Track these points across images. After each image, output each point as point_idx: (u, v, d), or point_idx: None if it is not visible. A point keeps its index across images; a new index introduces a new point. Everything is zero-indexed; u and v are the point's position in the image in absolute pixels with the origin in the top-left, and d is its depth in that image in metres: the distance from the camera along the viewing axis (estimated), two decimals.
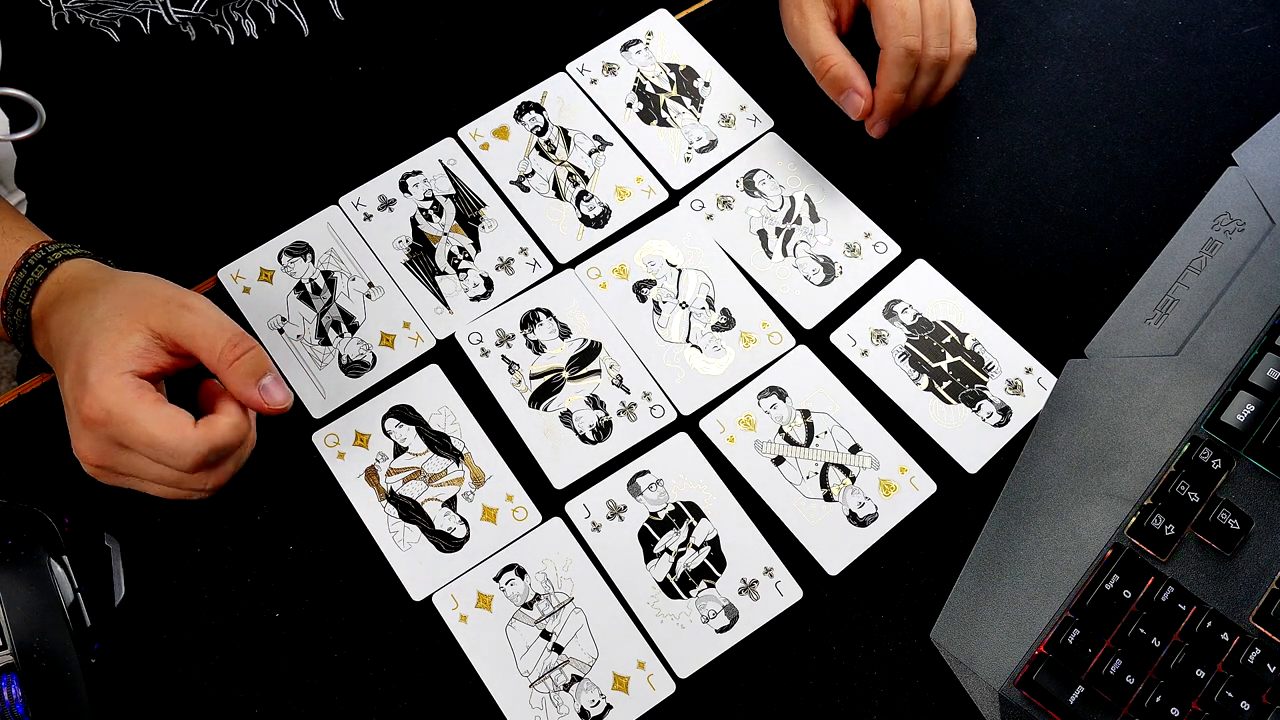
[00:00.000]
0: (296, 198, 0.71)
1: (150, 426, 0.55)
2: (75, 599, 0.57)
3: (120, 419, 0.55)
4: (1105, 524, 0.61)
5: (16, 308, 0.61)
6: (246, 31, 0.69)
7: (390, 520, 0.63)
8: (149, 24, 0.67)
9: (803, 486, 0.63)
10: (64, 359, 0.58)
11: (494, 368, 0.66)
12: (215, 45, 0.69)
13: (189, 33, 0.68)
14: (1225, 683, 0.56)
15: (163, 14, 0.66)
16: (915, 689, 0.59)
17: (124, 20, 0.67)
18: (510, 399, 0.65)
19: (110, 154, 0.79)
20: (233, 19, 0.68)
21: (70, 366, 0.57)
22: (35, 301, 0.61)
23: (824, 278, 0.69)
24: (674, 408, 0.65)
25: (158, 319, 0.57)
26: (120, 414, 0.55)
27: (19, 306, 0.61)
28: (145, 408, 0.55)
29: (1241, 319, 0.65)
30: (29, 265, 0.62)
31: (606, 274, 0.69)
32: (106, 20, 0.66)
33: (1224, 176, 0.71)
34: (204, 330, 0.57)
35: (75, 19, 0.66)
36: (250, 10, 0.68)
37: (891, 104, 0.68)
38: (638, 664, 0.59)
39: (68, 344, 0.58)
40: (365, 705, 0.59)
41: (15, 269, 0.62)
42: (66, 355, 0.58)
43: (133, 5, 0.66)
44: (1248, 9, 0.77)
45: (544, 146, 0.73)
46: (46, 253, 0.62)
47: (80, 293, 0.60)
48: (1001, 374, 0.66)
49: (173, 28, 0.68)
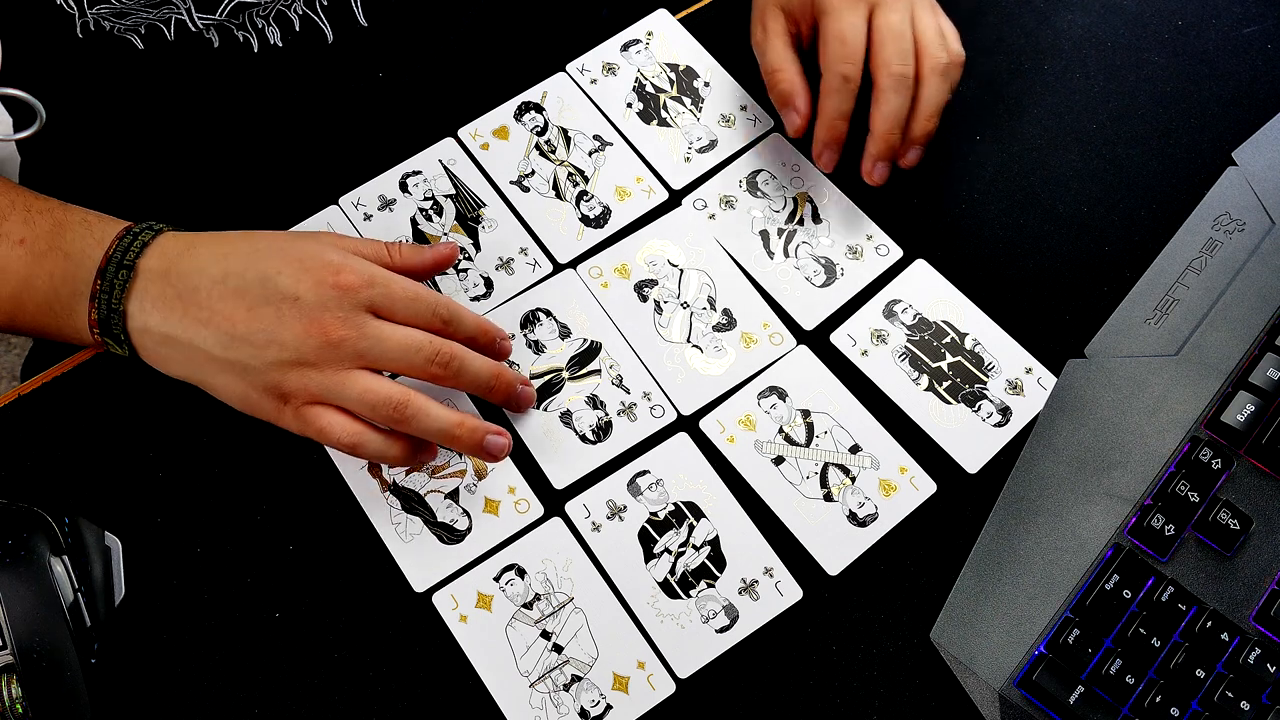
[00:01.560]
0: (296, 198, 0.71)
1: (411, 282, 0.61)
2: (75, 599, 0.57)
3: (384, 278, 0.60)
4: (1105, 524, 0.61)
5: (120, 269, 0.60)
6: (270, 39, 0.69)
7: (393, 512, 0.63)
8: (173, 30, 0.67)
9: (803, 486, 0.63)
10: (259, 272, 0.59)
11: None
12: (238, 52, 0.69)
13: (212, 39, 0.68)
14: (1225, 683, 0.56)
15: (186, 21, 0.66)
16: (915, 689, 0.59)
17: (148, 26, 0.67)
18: None
19: (112, 154, 0.79)
20: (256, 26, 0.68)
21: (285, 268, 0.59)
22: (146, 257, 0.60)
23: (825, 279, 0.69)
24: (674, 408, 0.65)
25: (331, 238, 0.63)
26: (383, 275, 0.60)
27: (123, 267, 0.60)
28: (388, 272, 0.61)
29: (1241, 319, 0.65)
30: (135, 232, 0.61)
31: (608, 273, 0.69)
32: (130, 27, 0.66)
33: (1224, 176, 0.71)
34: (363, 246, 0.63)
35: (100, 25, 0.66)
36: (274, 17, 0.68)
37: (832, 131, 0.68)
38: (638, 664, 0.59)
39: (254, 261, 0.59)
40: (365, 705, 0.59)
41: (120, 236, 0.61)
42: (265, 265, 0.59)
43: (157, 12, 0.66)
44: (1248, 9, 0.77)
45: (544, 146, 0.73)
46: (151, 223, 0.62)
47: (221, 238, 0.61)
48: (1001, 374, 0.66)
49: (196, 34, 0.68)
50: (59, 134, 0.70)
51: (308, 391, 0.59)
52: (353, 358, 0.58)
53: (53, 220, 0.62)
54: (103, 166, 0.80)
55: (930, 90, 0.67)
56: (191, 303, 0.59)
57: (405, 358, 0.59)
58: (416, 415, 0.59)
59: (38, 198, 0.63)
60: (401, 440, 0.61)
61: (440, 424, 0.60)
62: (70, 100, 0.72)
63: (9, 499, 0.60)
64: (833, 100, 0.67)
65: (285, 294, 0.58)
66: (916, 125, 0.68)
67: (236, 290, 0.59)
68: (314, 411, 0.59)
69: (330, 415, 0.59)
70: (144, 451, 0.64)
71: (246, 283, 0.59)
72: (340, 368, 0.59)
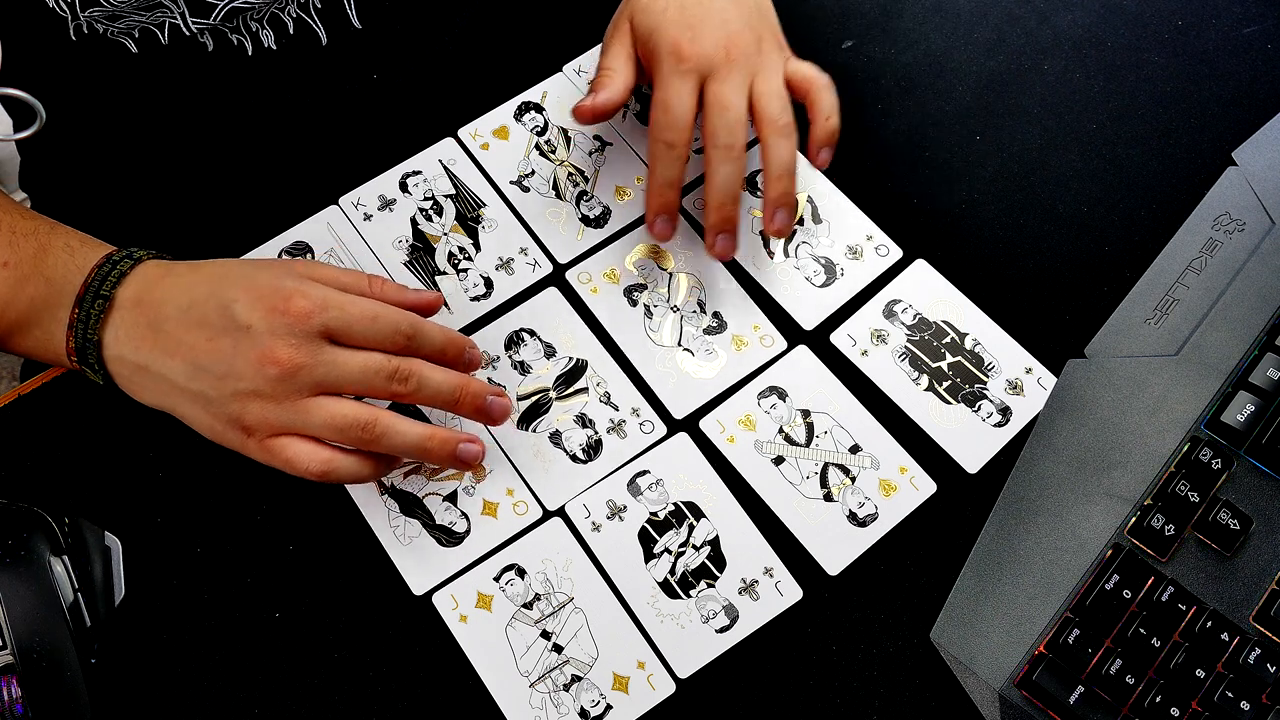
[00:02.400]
0: (296, 198, 0.71)
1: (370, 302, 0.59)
2: (75, 599, 0.57)
3: (339, 302, 0.58)
4: (1105, 524, 0.61)
5: (97, 298, 0.59)
6: (264, 42, 0.69)
7: (391, 514, 0.63)
8: (166, 34, 0.67)
9: (803, 486, 0.63)
10: (220, 300, 0.58)
11: None
12: (232, 55, 0.69)
13: (206, 43, 0.68)
14: (1225, 683, 0.56)
15: (180, 24, 0.66)
16: (915, 689, 0.59)
17: (142, 30, 0.67)
18: None
19: (112, 155, 0.79)
20: (250, 29, 0.68)
21: (241, 296, 0.57)
22: (124, 286, 0.59)
23: (825, 279, 0.69)
24: (663, 422, 0.65)
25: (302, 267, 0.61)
26: (337, 299, 0.58)
27: (100, 297, 0.59)
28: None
29: (1241, 319, 0.65)
30: (114, 260, 0.60)
31: (597, 278, 0.69)
32: (124, 30, 0.66)
33: (1224, 176, 0.71)
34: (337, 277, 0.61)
35: (93, 28, 0.66)
36: (268, 20, 0.68)
37: (662, 198, 0.66)
38: (638, 664, 0.59)
39: (216, 290, 0.58)
40: (365, 705, 0.59)
41: (99, 264, 0.60)
42: (224, 293, 0.58)
43: (150, 15, 0.66)
44: (1248, 9, 0.77)
45: (544, 146, 0.73)
46: (131, 251, 0.61)
47: (195, 267, 0.60)
48: (1001, 374, 0.66)
49: (190, 38, 0.68)
50: (59, 136, 0.70)
51: (269, 424, 0.58)
52: (310, 386, 0.57)
53: (37, 244, 0.61)
54: (102, 168, 0.80)
55: (777, 153, 0.65)
56: (160, 332, 0.59)
57: (364, 380, 0.58)
58: (386, 433, 0.58)
59: (25, 217, 0.63)
60: (373, 459, 0.60)
61: (411, 439, 0.59)
62: (67, 103, 0.72)
63: (9, 499, 0.60)
64: (658, 167, 0.65)
65: (240, 323, 0.57)
66: (770, 188, 0.66)
67: (199, 320, 0.58)
68: (279, 443, 0.58)
69: (296, 446, 0.58)
70: (144, 451, 0.64)
71: (207, 312, 0.58)
72: (300, 396, 0.57)
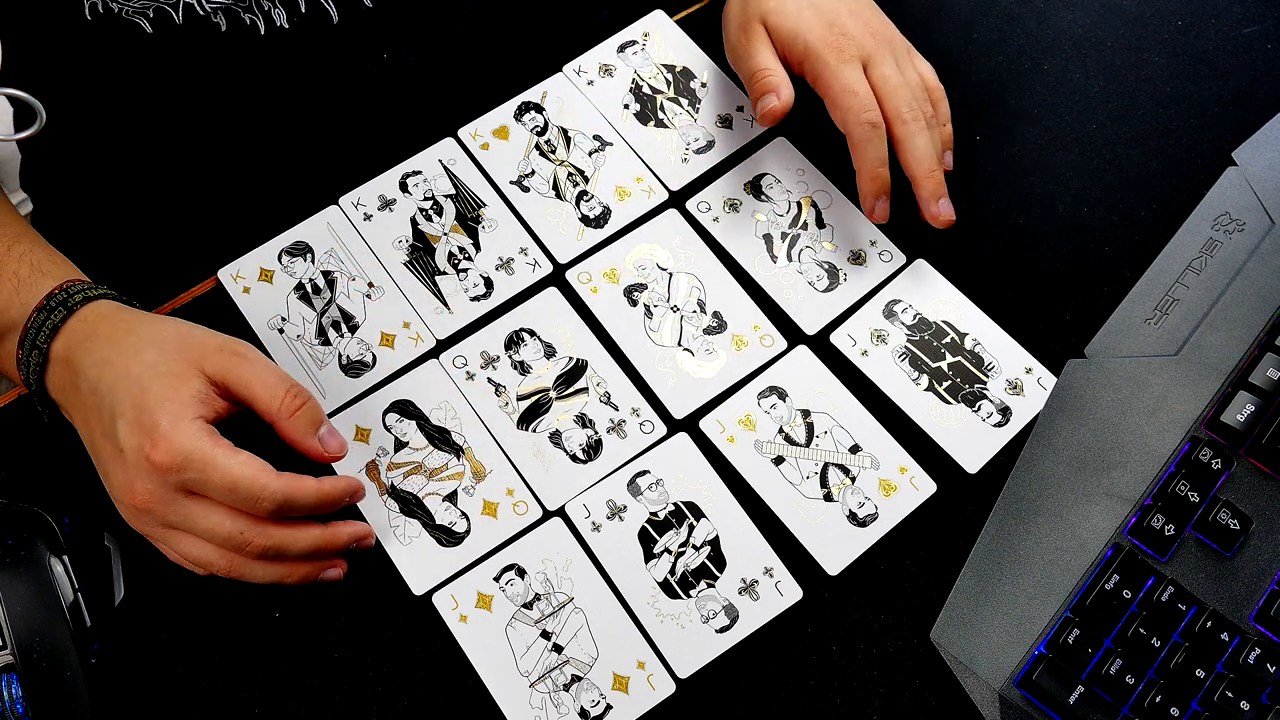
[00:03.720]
0: (296, 198, 0.71)
1: (234, 469, 0.54)
2: (75, 599, 0.57)
3: (201, 463, 0.54)
4: (1105, 524, 0.61)
5: (34, 349, 0.59)
6: (276, 21, 0.69)
7: (391, 515, 0.63)
8: (181, 14, 0.67)
9: (803, 486, 0.63)
10: (112, 403, 0.56)
11: (480, 391, 0.66)
12: (244, 36, 0.69)
13: (219, 23, 0.68)
14: (1225, 683, 0.56)
15: (195, 4, 0.67)
16: (915, 689, 0.59)
17: (156, 10, 0.67)
18: (499, 421, 0.65)
19: (112, 154, 0.79)
20: (263, 8, 0.68)
21: (127, 412, 0.56)
22: (56, 340, 0.59)
23: (828, 284, 0.69)
24: (663, 422, 0.65)
25: (214, 366, 0.57)
26: (200, 458, 0.54)
27: (35, 348, 0.59)
28: (224, 451, 0.55)
29: (1241, 319, 0.65)
30: (50, 307, 0.60)
31: (597, 278, 0.69)
32: (139, 9, 0.66)
33: (1224, 176, 0.71)
34: (263, 379, 0.57)
35: (109, 8, 0.66)
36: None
37: (878, 181, 0.67)
38: (638, 664, 0.59)
39: (115, 389, 0.56)
40: (365, 705, 0.59)
41: (37, 309, 0.60)
42: (117, 399, 0.56)
43: None
44: (1248, 9, 0.77)
45: (544, 146, 0.73)
46: (68, 294, 0.60)
47: (116, 335, 0.59)
48: (1001, 374, 0.66)
49: (204, 18, 0.68)
50: (63, 125, 0.70)
51: (145, 529, 0.58)
52: (163, 525, 0.57)
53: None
54: (102, 169, 0.80)
55: (947, 134, 0.70)
56: (74, 397, 0.59)
57: (215, 540, 0.56)
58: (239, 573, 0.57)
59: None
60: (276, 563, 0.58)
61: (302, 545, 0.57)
62: (76, 87, 0.72)
63: (9, 499, 0.60)
64: (868, 149, 0.66)
65: (118, 441, 0.56)
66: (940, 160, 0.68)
67: (95, 410, 0.58)
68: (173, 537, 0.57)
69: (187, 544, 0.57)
70: None
71: (101, 409, 0.57)
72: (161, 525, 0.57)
